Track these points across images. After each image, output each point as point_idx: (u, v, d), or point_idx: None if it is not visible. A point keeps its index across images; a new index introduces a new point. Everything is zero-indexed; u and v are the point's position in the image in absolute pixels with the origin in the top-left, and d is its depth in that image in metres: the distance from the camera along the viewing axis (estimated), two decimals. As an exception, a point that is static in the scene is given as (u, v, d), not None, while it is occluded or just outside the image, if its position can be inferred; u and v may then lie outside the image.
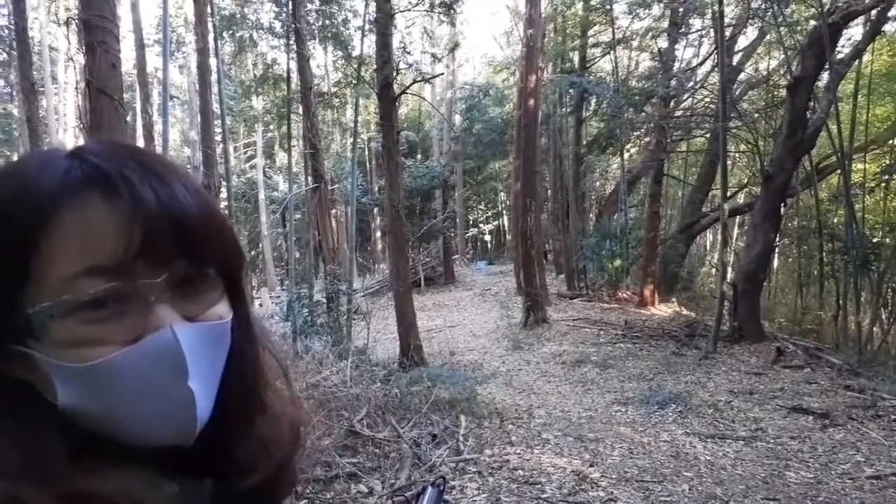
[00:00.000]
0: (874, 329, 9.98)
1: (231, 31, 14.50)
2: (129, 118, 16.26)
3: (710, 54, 14.53)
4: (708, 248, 22.70)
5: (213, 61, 11.33)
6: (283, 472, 0.63)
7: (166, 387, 0.48)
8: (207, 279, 0.53)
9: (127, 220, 0.47)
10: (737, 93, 13.57)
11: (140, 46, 13.91)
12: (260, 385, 0.61)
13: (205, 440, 0.52)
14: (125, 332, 0.47)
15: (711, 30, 13.27)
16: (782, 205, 10.72)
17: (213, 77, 11.23)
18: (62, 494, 0.44)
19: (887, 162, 12.11)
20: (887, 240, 11.58)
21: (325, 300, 9.88)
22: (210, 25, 10.73)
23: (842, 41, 10.23)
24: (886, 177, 11.83)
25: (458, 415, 5.86)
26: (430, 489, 0.93)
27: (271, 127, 26.86)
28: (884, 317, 11.08)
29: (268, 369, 0.63)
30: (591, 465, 4.79)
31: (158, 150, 10.86)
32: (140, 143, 15.35)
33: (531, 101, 12.42)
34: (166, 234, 0.49)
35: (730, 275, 10.24)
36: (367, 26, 10.42)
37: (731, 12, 13.16)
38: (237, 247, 0.57)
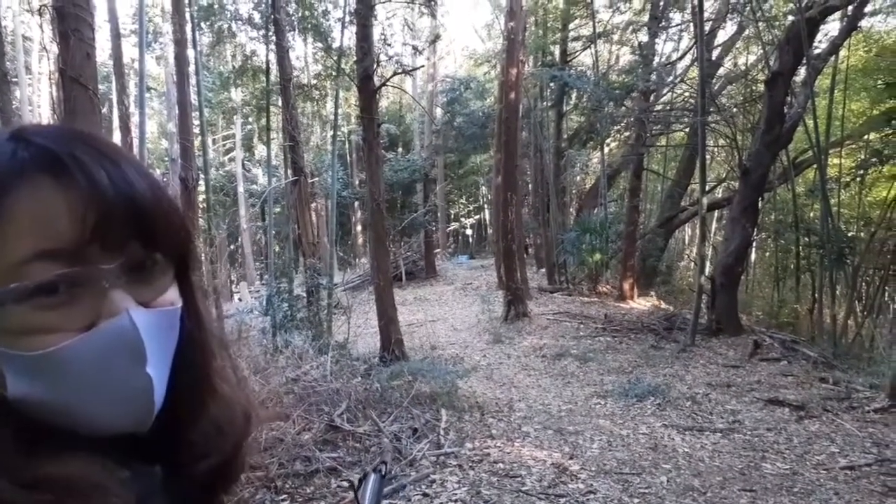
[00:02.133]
0: (849, 322, 10.14)
1: (209, 22, 14.30)
2: (105, 109, 16.00)
3: (690, 49, 14.63)
4: (687, 242, 22.92)
5: (190, 52, 11.17)
6: (235, 456, 0.63)
7: (124, 373, 0.48)
8: (158, 264, 0.52)
9: (80, 203, 0.46)
10: (716, 87, 13.68)
11: (116, 36, 13.63)
12: (210, 370, 0.61)
13: (156, 426, 0.52)
14: (79, 319, 0.46)
15: (691, 24, 13.36)
16: (760, 199, 10.85)
17: (191, 68, 11.07)
18: (20, 481, 0.42)
19: (862, 157, 12.27)
20: (862, 234, 11.77)
21: (305, 294, 9.82)
22: (188, 16, 10.58)
23: (819, 36, 10.35)
24: (861, 171, 12.00)
25: (438, 409, 5.85)
26: (372, 475, 0.93)
27: (250, 119, 26.60)
28: (858, 310, 11.26)
29: (217, 355, 0.62)
30: (570, 458, 4.81)
31: (135, 142, 10.72)
32: (116, 134, 15.13)
33: (512, 95, 12.40)
34: (121, 217, 0.48)
35: (708, 268, 10.34)
36: (347, 18, 10.33)
37: (710, 7, 13.23)
38: (188, 232, 0.56)
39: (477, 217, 34.31)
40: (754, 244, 14.60)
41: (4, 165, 0.46)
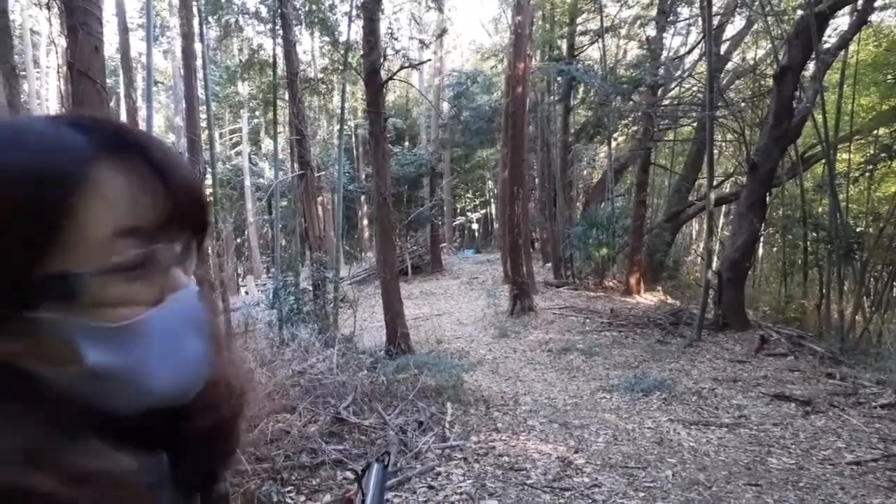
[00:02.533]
0: (856, 317, 10.08)
1: (216, 16, 14.29)
2: (112, 103, 16.03)
3: (698, 43, 14.55)
4: (694, 236, 22.83)
5: (198, 46, 11.20)
6: (231, 424, 0.63)
7: (187, 344, 0.52)
8: (193, 247, 0.56)
9: (161, 186, 0.50)
10: (724, 82, 13.60)
11: (124, 30, 13.65)
12: (219, 350, 0.62)
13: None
14: (151, 293, 0.49)
15: (699, 19, 13.28)
16: (768, 194, 10.79)
17: (199, 62, 11.10)
18: (63, 475, 0.43)
19: (871, 152, 12.18)
20: (870, 229, 11.69)
21: (311, 288, 9.84)
22: (195, 9, 10.59)
23: (828, 31, 10.28)
24: (871, 166, 11.91)
25: (444, 402, 5.87)
26: (375, 465, 0.95)
27: (257, 113, 26.58)
28: (866, 305, 11.20)
29: (222, 335, 0.64)
30: (575, 452, 4.82)
31: (142, 135, 10.72)
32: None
33: (519, 89, 12.37)
34: (187, 202, 0.52)
35: (715, 263, 10.31)
36: (354, 11, 10.31)
37: (718, 1, 13.18)
38: (210, 219, 0.59)
39: (483, 211, 34.28)
40: (762, 239, 14.53)
41: (85, 146, 0.48)
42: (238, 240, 28.98)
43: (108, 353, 0.47)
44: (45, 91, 20.83)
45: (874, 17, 11.24)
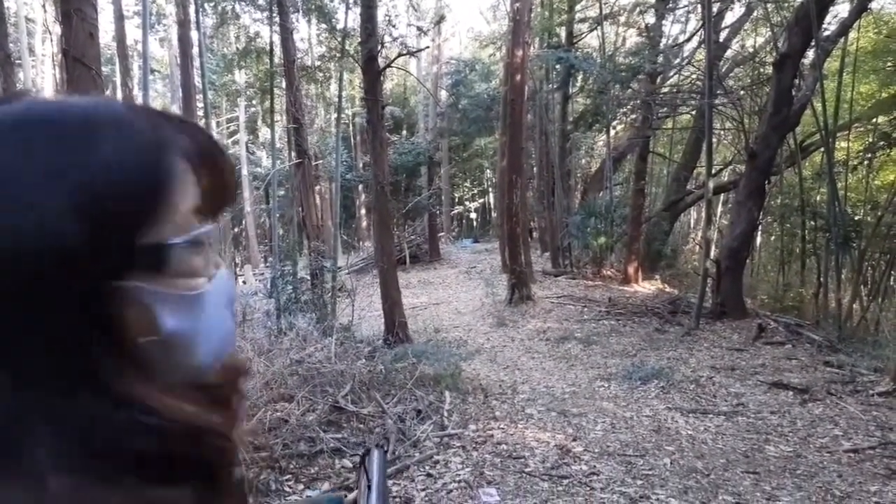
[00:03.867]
0: (854, 306, 10.11)
1: (213, 3, 14.19)
2: (109, 91, 15.93)
3: (697, 30, 14.45)
4: (692, 225, 22.83)
5: (194, 34, 11.13)
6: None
7: (228, 314, 0.57)
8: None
9: (227, 171, 0.56)
10: (723, 70, 13.54)
11: (119, 18, 13.57)
12: None
13: None
14: (208, 266, 0.53)
15: (699, 6, 13.20)
16: (766, 182, 10.77)
17: (195, 50, 11.03)
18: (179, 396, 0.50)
19: (870, 140, 12.17)
20: (868, 218, 11.70)
21: (309, 277, 9.82)
22: (190, -4, 10.50)
23: (828, 18, 10.21)
24: (869, 155, 11.90)
25: (442, 391, 5.88)
26: (376, 450, 0.96)
27: (254, 101, 26.48)
28: (863, 294, 11.23)
29: None
30: (574, 440, 4.83)
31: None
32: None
33: (518, 77, 12.30)
34: (228, 187, 0.57)
35: (713, 252, 10.30)
36: (351, -2, 10.24)
37: (718, -12, 13.08)
38: None
39: (481, 200, 34.23)
40: (760, 228, 14.53)
41: (171, 137, 0.51)
42: (236, 229, 28.92)
43: (182, 320, 0.50)
44: (41, 79, 20.68)
45: (874, 4, 11.18)
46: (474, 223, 33.71)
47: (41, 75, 20.80)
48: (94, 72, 4.24)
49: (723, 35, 14.21)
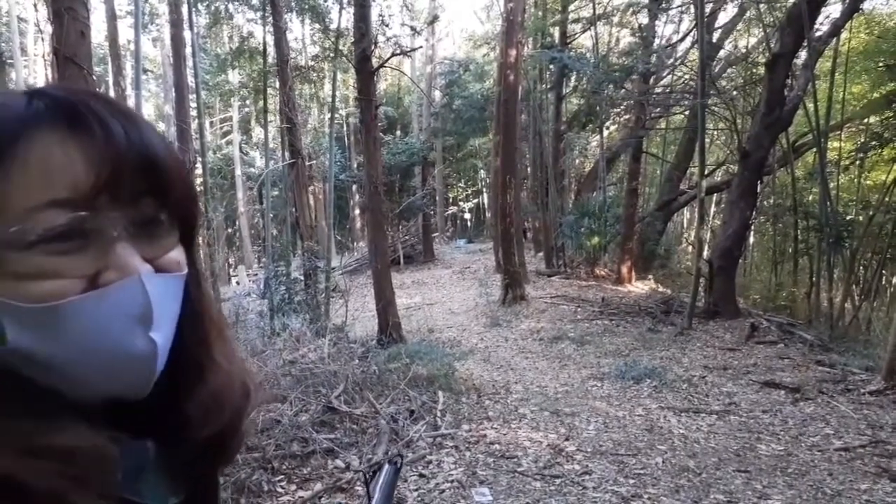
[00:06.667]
0: (846, 305, 10.16)
1: (206, 3, 14.16)
2: (101, 91, 15.84)
3: (690, 31, 14.52)
4: (685, 225, 22.91)
5: (187, 34, 11.09)
6: (233, 430, 0.61)
7: (129, 336, 0.47)
8: (165, 223, 0.51)
9: (95, 153, 0.46)
10: (716, 70, 13.59)
11: (112, 17, 13.51)
12: (210, 341, 0.60)
13: (151, 396, 0.51)
14: (84, 267, 0.45)
15: (692, 6, 13.23)
16: (759, 182, 10.82)
17: (188, 50, 10.98)
18: (23, 449, 0.42)
19: (862, 140, 12.22)
20: (860, 217, 11.75)
21: (302, 278, 9.82)
22: (183, -4, 10.47)
23: (820, 18, 10.28)
24: (861, 155, 11.95)
25: (435, 391, 5.87)
26: (386, 466, 0.94)
27: (247, 101, 26.42)
28: (855, 293, 11.27)
29: (217, 325, 0.62)
30: (566, 439, 4.83)
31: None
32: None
33: (511, 76, 12.32)
34: (134, 170, 0.48)
35: (706, 252, 10.33)
36: (344, -2, 10.23)
37: (711, -11, 13.11)
38: (196, 198, 0.56)
39: (475, 201, 34.22)
40: (753, 227, 14.58)
41: (20, 114, 0.46)
42: (229, 230, 28.86)
43: (28, 337, 0.44)
44: (33, 79, 20.60)
45: (866, 5, 11.26)
46: (468, 223, 33.70)
47: (34, 75, 20.72)
48: (86, 71, 4.22)
49: (716, 35, 14.24)
